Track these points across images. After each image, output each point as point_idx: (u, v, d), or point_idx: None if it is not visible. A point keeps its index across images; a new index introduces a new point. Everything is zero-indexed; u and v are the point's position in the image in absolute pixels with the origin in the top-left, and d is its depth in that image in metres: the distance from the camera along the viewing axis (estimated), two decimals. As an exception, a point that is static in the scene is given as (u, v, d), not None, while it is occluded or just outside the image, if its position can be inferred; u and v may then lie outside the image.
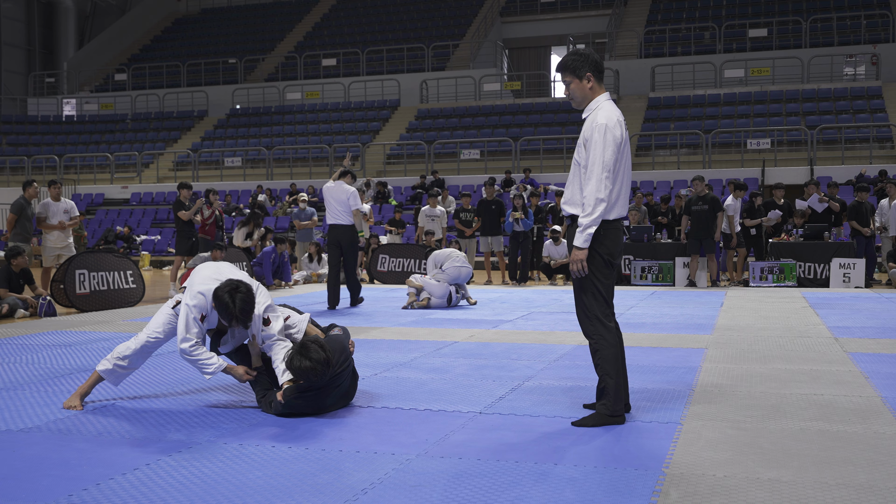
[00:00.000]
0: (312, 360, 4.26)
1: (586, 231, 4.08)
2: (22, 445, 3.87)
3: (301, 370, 4.28)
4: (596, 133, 4.11)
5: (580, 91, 4.26)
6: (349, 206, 10.16)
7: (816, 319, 8.74)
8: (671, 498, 3.04)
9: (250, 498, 3.08)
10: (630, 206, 16.01)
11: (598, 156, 4.08)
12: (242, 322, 4.43)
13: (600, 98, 4.27)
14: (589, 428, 4.10)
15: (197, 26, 40.92)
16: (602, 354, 4.18)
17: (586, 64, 4.24)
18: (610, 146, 4.09)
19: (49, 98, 35.80)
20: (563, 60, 4.31)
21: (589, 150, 4.13)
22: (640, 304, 10.64)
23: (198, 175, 27.75)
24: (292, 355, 4.34)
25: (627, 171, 4.27)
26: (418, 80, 31.02)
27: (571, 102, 4.36)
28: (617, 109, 4.27)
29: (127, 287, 11.13)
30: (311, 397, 4.40)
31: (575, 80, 4.25)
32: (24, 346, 7.14)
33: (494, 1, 35.73)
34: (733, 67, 27.80)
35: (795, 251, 13.61)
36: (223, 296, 4.39)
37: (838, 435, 3.92)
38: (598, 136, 4.10)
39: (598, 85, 4.27)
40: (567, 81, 4.28)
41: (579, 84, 4.25)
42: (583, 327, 4.26)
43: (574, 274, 4.18)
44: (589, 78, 4.24)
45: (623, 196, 4.23)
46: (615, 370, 4.16)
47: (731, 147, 24.21)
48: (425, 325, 8.56)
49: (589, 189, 4.08)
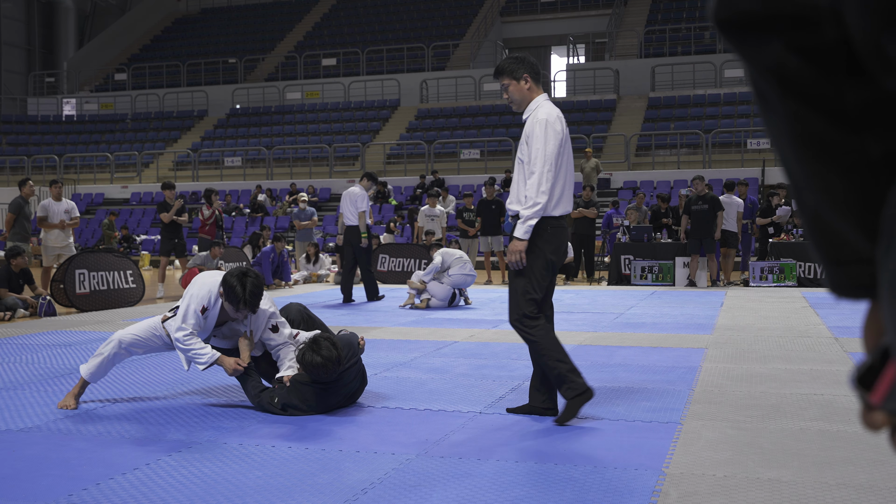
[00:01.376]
0: (323, 356, 4.28)
1: (528, 223, 4.10)
2: (22, 445, 3.87)
3: (312, 365, 4.29)
4: (537, 128, 4.18)
5: (518, 92, 4.34)
6: (357, 208, 10.88)
7: (816, 319, 8.74)
8: (671, 498, 3.04)
9: (250, 498, 3.07)
10: (630, 207, 16.02)
11: (539, 150, 4.15)
12: (251, 306, 4.39)
13: (539, 98, 4.36)
14: (590, 421, 4.10)
15: (197, 26, 40.92)
16: (540, 345, 4.17)
17: (522, 66, 4.35)
18: (551, 140, 4.15)
19: (49, 98, 35.79)
20: (499, 65, 4.44)
21: (531, 146, 4.19)
22: (640, 304, 10.64)
23: (198, 175, 27.75)
24: (304, 350, 4.35)
25: (570, 168, 4.31)
26: (418, 80, 31.02)
27: (511, 105, 4.44)
28: (556, 108, 4.37)
29: (127, 287, 11.13)
30: (319, 390, 4.40)
31: (513, 82, 4.34)
32: (24, 346, 7.14)
33: (494, 1, 35.72)
34: (733, 67, 27.79)
35: (795, 251, 13.61)
36: (232, 280, 4.35)
37: (838, 435, 3.92)
38: (539, 131, 4.17)
39: (536, 86, 4.38)
40: (505, 84, 4.37)
41: (517, 86, 4.34)
42: (511, 318, 4.26)
43: (511, 266, 4.17)
44: (526, 79, 4.33)
45: (567, 192, 4.24)
46: (558, 354, 4.15)
47: (731, 147, 24.22)
48: (425, 325, 8.56)
49: (531, 182, 4.12)
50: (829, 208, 0.62)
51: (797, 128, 0.61)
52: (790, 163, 0.65)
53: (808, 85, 0.59)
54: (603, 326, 8.30)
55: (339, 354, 4.34)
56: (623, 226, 15.05)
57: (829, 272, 0.65)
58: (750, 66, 0.62)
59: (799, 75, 0.59)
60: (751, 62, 0.62)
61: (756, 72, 0.62)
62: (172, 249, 12.74)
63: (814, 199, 0.63)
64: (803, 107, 0.60)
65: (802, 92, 0.59)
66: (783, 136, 0.63)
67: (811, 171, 0.62)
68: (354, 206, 10.92)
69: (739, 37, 0.61)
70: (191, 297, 4.53)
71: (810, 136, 0.61)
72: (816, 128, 0.60)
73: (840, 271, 0.64)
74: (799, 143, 0.62)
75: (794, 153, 0.63)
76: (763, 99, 0.63)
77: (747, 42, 0.61)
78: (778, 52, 0.59)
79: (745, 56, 0.62)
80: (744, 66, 0.64)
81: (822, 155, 0.61)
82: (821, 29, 0.58)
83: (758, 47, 0.60)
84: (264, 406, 4.46)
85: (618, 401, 4.74)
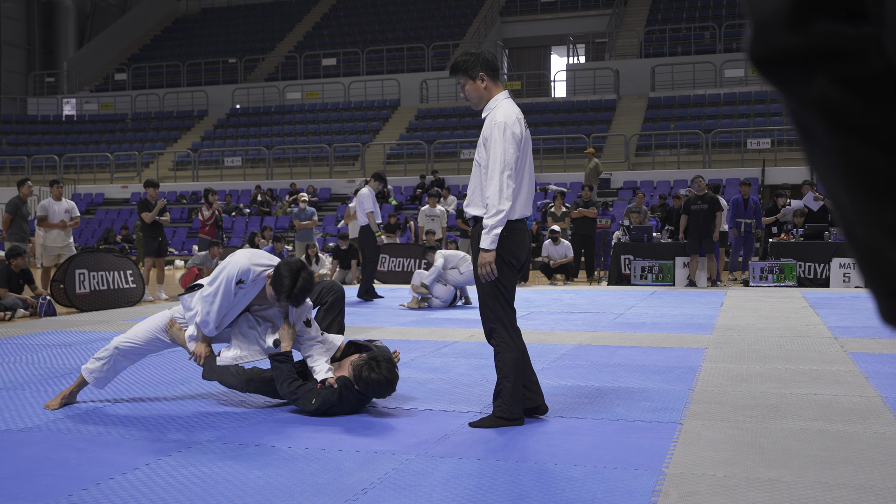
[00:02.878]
0: (383, 375, 4.34)
1: (493, 232, 3.97)
2: (22, 445, 3.87)
3: (369, 380, 4.33)
4: (496, 131, 4.03)
5: (475, 91, 4.18)
6: (364, 209, 11.36)
7: (816, 319, 8.73)
8: (671, 498, 3.04)
9: (250, 498, 3.07)
10: (630, 207, 16.02)
11: (498, 155, 4.00)
12: (295, 301, 4.35)
13: (499, 97, 4.19)
14: (590, 421, 4.10)
15: (197, 26, 40.91)
16: (503, 358, 4.12)
17: (478, 64, 4.16)
18: (510, 144, 4.01)
19: (49, 98, 35.79)
20: (454, 62, 4.26)
21: (489, 150, 4.04)
22: (640, 304, 10.64)
23: (198, 175, 27.75)
24: (362, 365, 4.36)
25: (530, 170, 4.20)
26: (418, 80, 31.02)
27: (469, 104, 4.30)
28: (516, 107, 4.21)
29: (127, 287, 11.13)
30: (356, 396, 4.44)
31: (469, 81, 4.18)
32: (24, 346, 7.14)
33: (494, 1, 35.72)
34: (733, 67, 27.79)
35: (795, 251, 13.60)
36: (285, 270, 4.29)
37: (838, 435, 3.92)
38: (497, 135, 4.02)
39: (494, 84, 4.20)
40: (462, 83, 4.21)
41: (473, 84, 4.17)
42: (485, 328, 4.20)
43: (482, 278, 4.04)
44: (482, 77, 4.16)
45: (526, 195, 4.14)
46: (514, 374, 4.10)
47: (731, 147, 24.21)
48: (425, 325, 8.56)
49: (492, 189, 3.98)
50: (885, 242, 0.61)
51: (847, 161, 0.60)
52: (840, 196, 0.63)
53: (856, 117, 0.58)
54: (603, 326, 8.30)
55: (396, 377, 4.43)
56: (623, 226, 15.05)
57: (883, 303, 0.64)
58: (792, 101, 0.61)
59: (847, 107, 0.58)
60: (793, 97, 0.60)
61: (799, 106, 0.60)
62: (156, 250, 12.36)
63: (867, 234, 0.62)
64: (853, 139, 0.58)
65: (851, 124, 0.58)
66: (831, 170, 0.61)
67: (864, 205, 0.60)
68: (361, 206, 11.39)
69: (780, 73, 0.60)
70: (231, 264, 4.38)
71: (862, 170, 0.59)
72: (867, 160, 0.59)
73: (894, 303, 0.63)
74: (849, 176, 0.60)
75: (844, 187, 0.61)
76: (807, 133, 0.61)
77: (789, 78, 0.59)
78: (823, 86, 0.58)
79: (786, 92, 0.61)
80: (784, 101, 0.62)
81: (875, 188, 0.59)
82: (867, 59, 0.56)
83: (801, 82, 0.59)
84: (299, 400, 4.41)
85: (618, 401, 4.74)
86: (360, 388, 4.39)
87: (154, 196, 12.54)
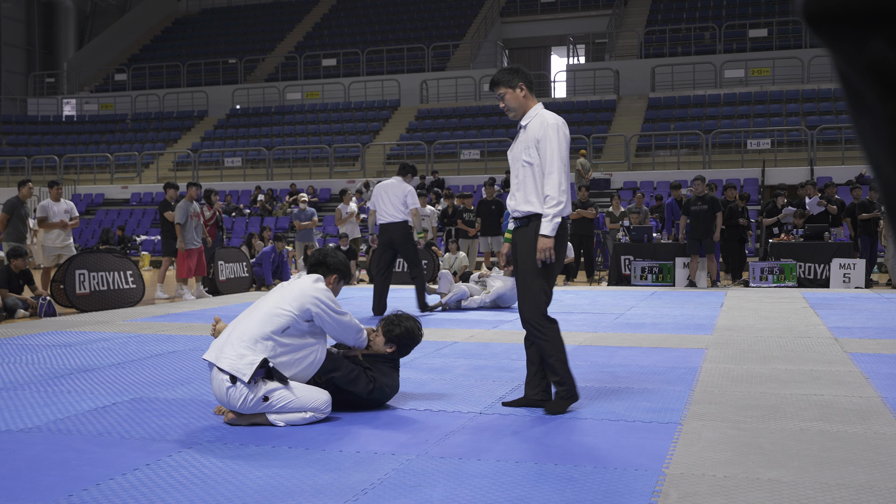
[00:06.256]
0: (410, 322, 4.68)
1: (554, 220, 4.35)
2: (22, 445, 3.87)
3: (403, 332, 4.62)
4: (550, 131, 4.41)
5: (515, 100, 4.55)
6: (407, 204, 9.51)
7: (816, 320, 8.73)
8: (671, 498, 3.04)
9: (250, 498, 3.07)
10: (630, 207, 16.02)
11: (555, 152, 4.39)
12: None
13: (537, 106, 4.59)
14: (591, 421, 4.11)
15: (197, 26, 40.92)
16: (553, 345, 4.40)
17: (517, 76, 4.56)
18: (563, 143, 4.44)
19: (49, 98, 35.79)
20: (493, 77, 4.64)
21: (545, 149, 4.41)
22: (640, 304, 10.64)
23: (198, 175, 27.74)
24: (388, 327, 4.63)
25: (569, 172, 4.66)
26: (418, 81, 31.02)
27: (509, 114, 4.64)
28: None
29: (127, 287, 11.13)
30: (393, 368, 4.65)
31: (509, 91, 4.54)
32: (24, 346, 7.14)
33: (494, 1, 35.72)
34: (733, 67, 27.80)
35: (795, 251, 13.60)
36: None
37: (838, 435, 3.92)
38: (552, 135, 4.41)
39: (531, 95, 4.60)
40: (501, 94, 4.57)
41: (513, 94, 4.54)
42: (525, 316, 4.44)
43: (540, 262, 4.37)
44: (521, 87, 4.54)
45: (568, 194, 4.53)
46: (565, 355, 4.45)
47: (731, 147, 24.22)
48: (425, 325, 8.51)
49: (552, 183, 4.37)
50: None
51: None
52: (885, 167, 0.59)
53: None
54: (603, 327, 8.30)
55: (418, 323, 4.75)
56: (623, 226, 15.05)
57: None
58: (844, 64, 0.57)
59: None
60: (845, 59, 0.57)
61: (851, 69, 0.57)
62: (175, 251, 12.49)
63: None
64: None
65: None
66: (879, 139, 0.58)
67: None
68: (399, 200, 9.49)
69: (833, 33, 0.56)
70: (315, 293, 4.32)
71: None
72: None
73: None
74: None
75: (891, 156, 0.58)
76: (857, 99, 0.58)
77: (842, 38, 0.56)
78: (879, 49, 0.54)
79: (838, 53, 0.57)
80: (834, 64, 0.59)
81: None
82: None
83: (855, 44, 0.55)
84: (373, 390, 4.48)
85: (618, 401, 4.74)
86: (398, 346, 4.61)
87: (174, 197, 12.69)
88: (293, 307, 4.24)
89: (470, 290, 10.32)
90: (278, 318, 4.20)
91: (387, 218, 9.50)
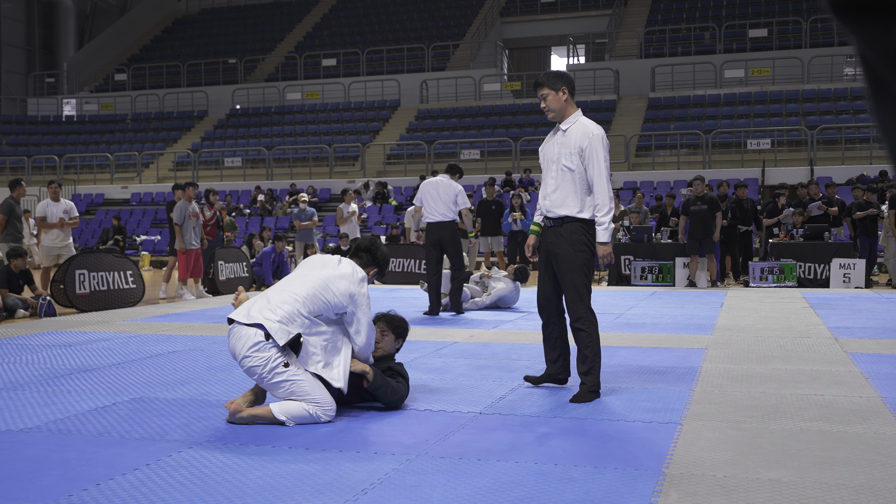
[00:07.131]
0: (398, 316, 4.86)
1: (609, 227, 4.72)
2: (22, 445, 3.87)
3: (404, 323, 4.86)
4: (595, 142, 4.70)
5: (556, 102, 4.78)
6: (456, 204, 9.41)
7: (816, 320, 8.73)
8: (671, 498, 3.04)
9: (251, 498, 3.07)
10: (630, 207, 16.02)
11: (601, 162, 4.70)
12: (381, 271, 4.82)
13: (577, 113, 4.85)
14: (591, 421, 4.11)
15: (197, 26, 40.92)
16: (594, 337, 4.77)
17: (561, 80, 4.79)
18: (606, 153, 4.76)
19: (49, 98, 35.79)
20: (537, 78, 4.87)
21: (591, 158, 4.71)
22: (640, 304, 10.64)
23: (198, 175, 27.74)
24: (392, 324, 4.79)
25: None
26: (418, 81, 31.02)
27: (548, 114, 4.84)
28: None
29: (127, 287, 11.12)
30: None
31: (552, 93, 4.77)
32: (24, 346, 7.14)
33: (494, 1, 35.73)
34: (733, 67, 27.80)
35: (795, 251, 13.60)
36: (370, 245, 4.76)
37: (838, 435, 3.92)
38: (597, 145, 4.70)
39: (572, 100, 4.83)
40: (544, 94, 4.79)
41: (556, 96, 4.77)
42: (575, 310, 4.78)
43: (604, 266, 4.99)
44: (564, 91, 4.77)
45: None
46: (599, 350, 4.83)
47: (731, 147, 24.22)
48: (425, 325, 8.55)
49: (601, 192, 4.70)
50: None
51: None
52: None
53: None
54: (603, 327, 8.27)
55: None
56: (623, 226, 15.05)
57: None
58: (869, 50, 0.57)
59: None
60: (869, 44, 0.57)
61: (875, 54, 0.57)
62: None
63: None
64: None
65: None
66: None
67: None
68: (449, 198, 9.34)
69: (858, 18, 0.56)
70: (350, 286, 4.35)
71: None
72: None
73: None
74: None
75: None
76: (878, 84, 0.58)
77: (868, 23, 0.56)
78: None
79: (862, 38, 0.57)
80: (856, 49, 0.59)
81: None
82: None
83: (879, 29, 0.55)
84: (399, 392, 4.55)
85: (618, 401, 4.74)
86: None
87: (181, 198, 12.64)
88: (335, 300, 4.31)
89: (470, 291, 10.32)
90: (317, 303, 4.28)
91: (437, 217, 9.40)
